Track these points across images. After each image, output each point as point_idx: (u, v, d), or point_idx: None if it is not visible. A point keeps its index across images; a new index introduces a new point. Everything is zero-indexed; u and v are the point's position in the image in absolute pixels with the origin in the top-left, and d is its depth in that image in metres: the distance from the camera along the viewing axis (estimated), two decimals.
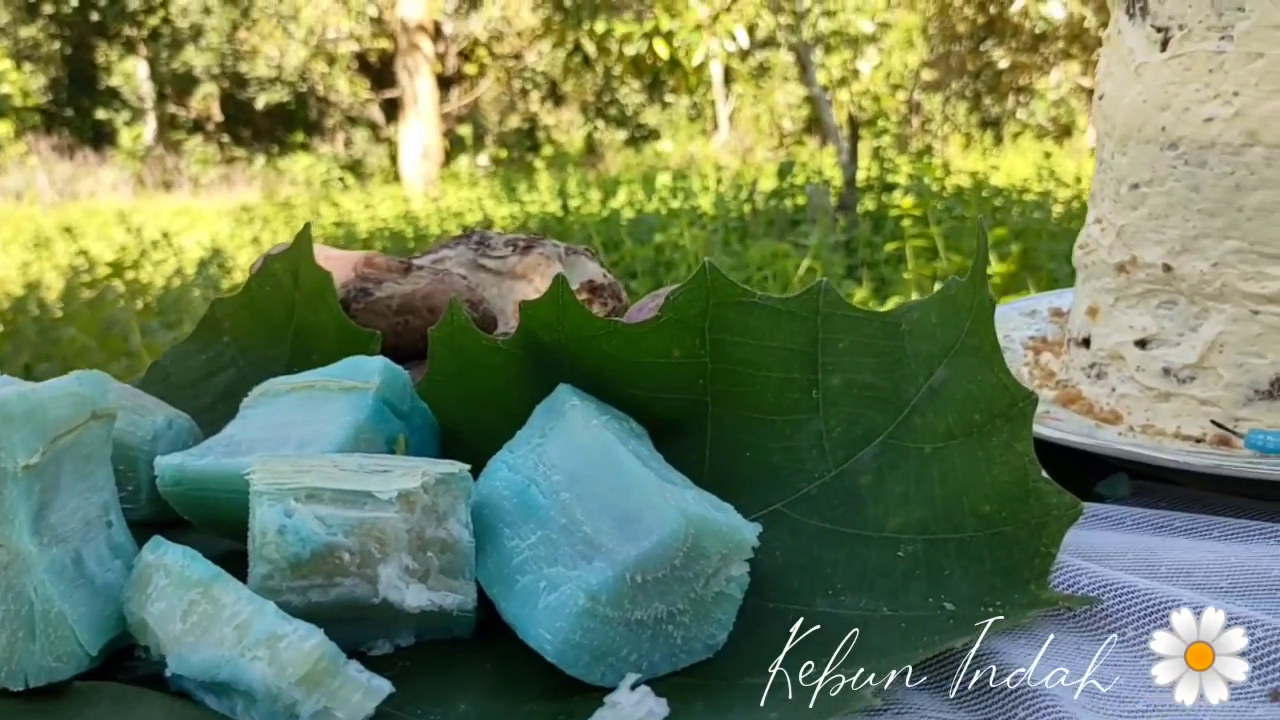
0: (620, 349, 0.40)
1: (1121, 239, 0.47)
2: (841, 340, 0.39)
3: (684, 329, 0.39)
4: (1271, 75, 0.41)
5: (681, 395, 0.40)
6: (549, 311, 0.39)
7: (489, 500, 0.34)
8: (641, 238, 3.01)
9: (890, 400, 0.38)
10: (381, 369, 0.39)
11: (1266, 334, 0.43)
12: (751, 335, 0.40)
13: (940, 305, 0.39)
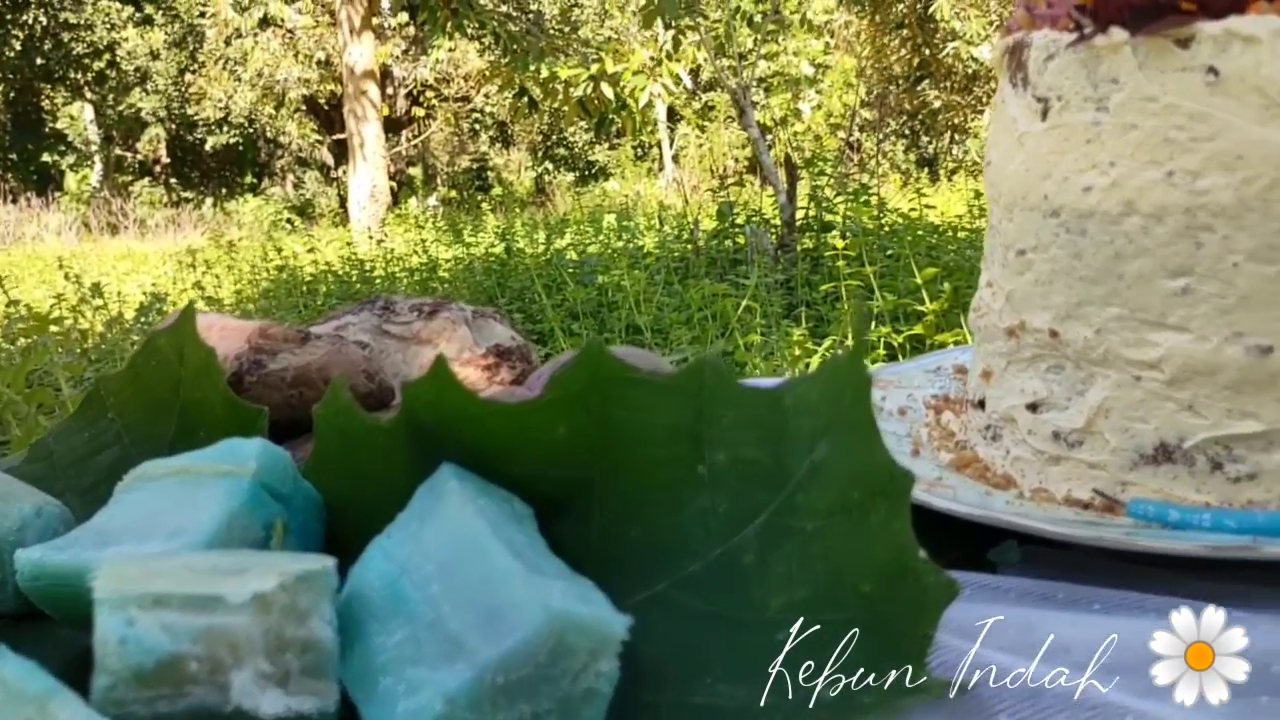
0: (504, 428, 0.39)
1: (1010, 304, 0.48)
2: (726, 416, 0.39)
3: (570, 406, 0.39)
4: (1146, 146, 0.42)
5: (568, 473, 0.39)
6: (431, 391, 0.38)
7: (360, 592, 0.33)
8: (584, 279, 3.01)
9: (774, 476, 0.38)
10: (259, 451, 0.38)
11: (1149, 400, 0.43)
12: (637, 412, 0.39)
13: (822, 380, 0.39)
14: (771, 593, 0.35)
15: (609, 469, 0.39)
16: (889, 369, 0.63)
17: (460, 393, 0.38)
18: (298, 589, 0.30)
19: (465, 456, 0.39)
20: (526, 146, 12.55)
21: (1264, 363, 0.41)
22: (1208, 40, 0.40)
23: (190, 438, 0.46)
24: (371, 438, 0.40)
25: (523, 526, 0.36)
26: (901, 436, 0.52)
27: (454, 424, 0.39)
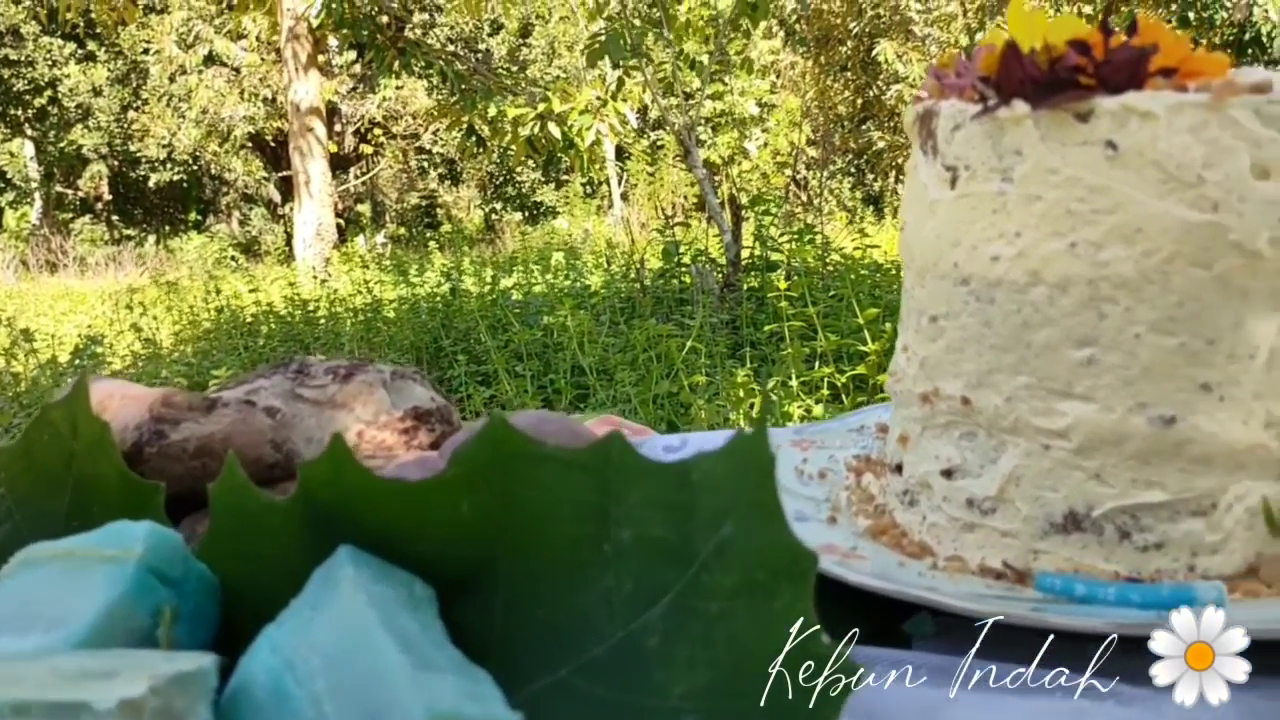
0: (405, 507, 0.38)
1: (924, 370, 0.48)
2: (633, 492, 0.39)
3: (473, 483, 0.38)
4: (1050, 217, 0.42)
5: (472, 552, 0.38)
6: (328, 470, 0.37)
7: (245, 688, 0.32)
8: (529, 320, 3.00)
9: (680, 556, 0.37)
10: (146, 535, 0.37)
11: (1057, 468, 0.43)
12: (543, 488, 0.39)
13: (729, 457, 0.39)
14: (674, 678, 0.34)
15: (513, 547, 0.38)
16: (812, 428, 0.62)
17: (358, 471, 0.37)
18: (171, 692, 0.28)
19: (365, 537, 0.38)
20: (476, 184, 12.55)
21: (1167, 433, 0.41)
22: (1106, 115, 0.41)
23: (84, 515, 0.44)
24: (268, 517, 0.39)
25: (419, 613, 0.35)
26: (821, 502, 0.52)
27: (352, 504, 0.38)
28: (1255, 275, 0.40)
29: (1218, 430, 0.41)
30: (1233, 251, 0.39)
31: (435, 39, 8.92)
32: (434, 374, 2.86)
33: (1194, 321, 0.40)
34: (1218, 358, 0.40)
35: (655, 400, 2.42)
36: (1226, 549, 0.41)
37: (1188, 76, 0.43)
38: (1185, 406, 0.41)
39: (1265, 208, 0.39)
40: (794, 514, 0.49)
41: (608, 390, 2.45)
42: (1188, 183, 0.40)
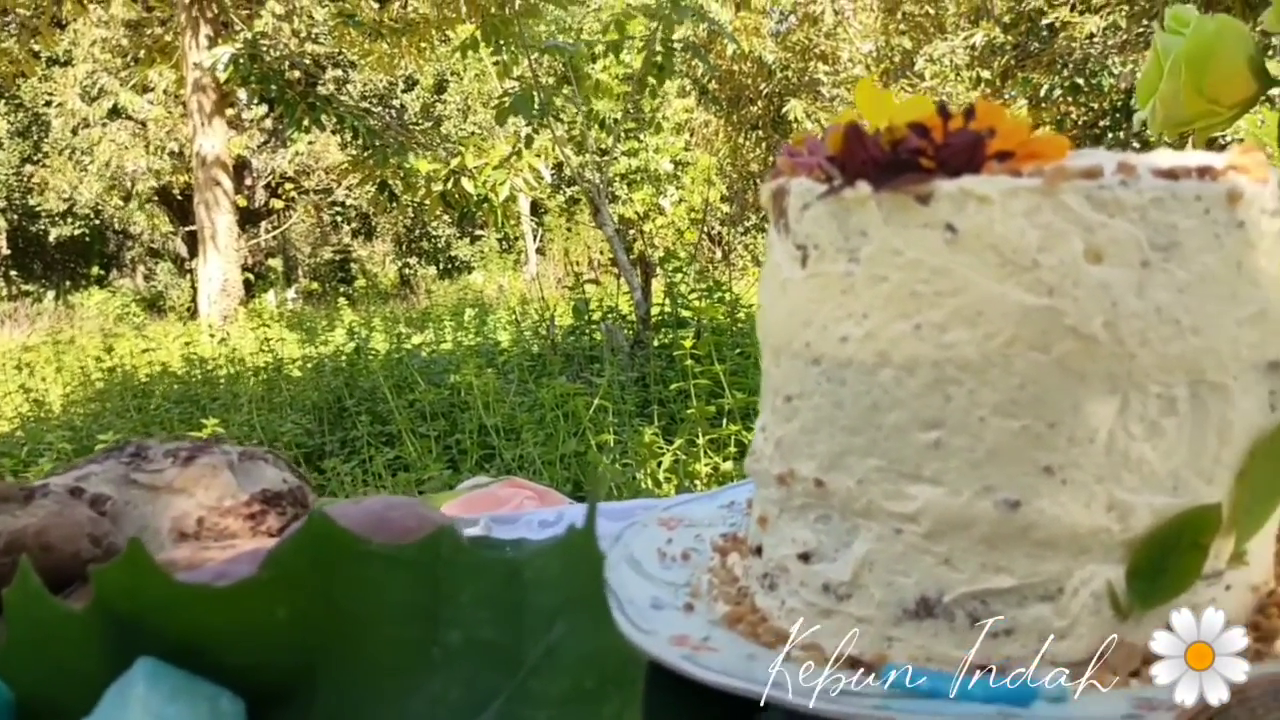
0: (214, 614, 0.36)
1: (780, 450, 0.47)
2: (463, 591, 0.37)
3: (290, 586, 0.36)
4: (895, 299, 0.42)
5: (289, 660, 0.36)
6: (125, 577, 0.34)
7: None
8: (435, 379, 2.96)
9: (509, 660, 0.35)
10: None
11: (910, 553, 0.42)
12: (367, 589, 0.36)
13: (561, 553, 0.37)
14: None
15: (334, 654, 0.36)
16: (682, 504, 0.61)
17: (158, 578, 0.35)
18: None
19: (168, 647, 0.35)
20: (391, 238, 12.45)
21: (1013, 517, 0.41)
22: (945, 198, 0.40)
23: None
24: (65, 627, 0.36)
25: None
26: (680, 587, 0.50)
27: (153, 612, 0.35)
28: (1092, 359, 0.39)
29: (1061, 514, 0.40)
30: (1069, 335, 0.39)
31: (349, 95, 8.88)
32: (337, 435, 2.79)
33: (1035, 404, 0.40)
34: (1059, 441, 0.40)
35: (562, 460, 2.39)
36: (1074, 634, 0.41)
37: (1028, 159, 0.43)
38: (1029, 490, 0.40)
39: (1098, 291, 0.39)
40: (650, 601, 0.47)
41: (514, 450, 2.42)
42: (1024, 266, 0.39)
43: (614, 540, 0.54)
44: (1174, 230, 0.39)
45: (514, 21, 3.86)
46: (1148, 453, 0.40)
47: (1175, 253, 0.40)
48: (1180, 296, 0.40)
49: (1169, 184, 0.40)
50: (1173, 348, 0.40)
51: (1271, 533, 0.45)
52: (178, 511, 0.54)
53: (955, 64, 9.79)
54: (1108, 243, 0.39)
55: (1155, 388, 0.40)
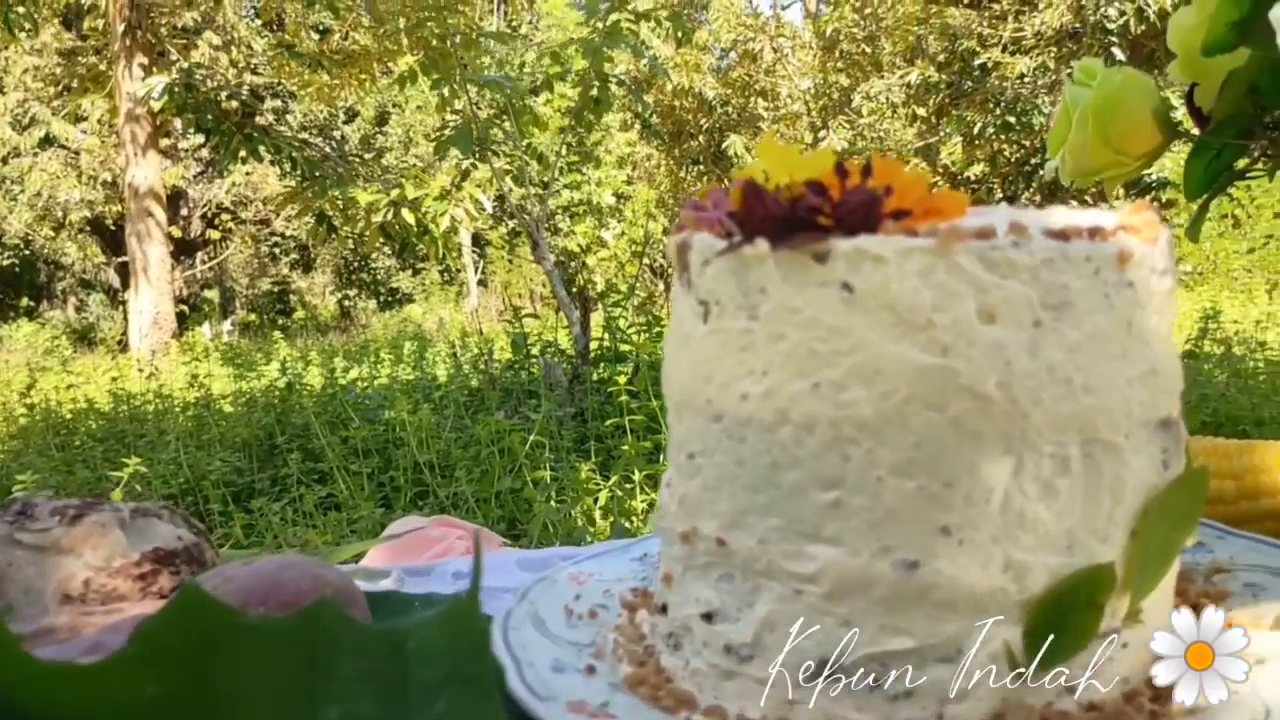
0: (76, 693, 0.34)
1: (683, 507, 0.46)
2: (344, 665, 0.35)
3: (160, 662, 0.34)
4: (794, 357, 0.41)
5: None
6: None
7: None
8: (369, 415, 2.92)
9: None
10: None
11: (810, 614, 0.42)
12: (243, 664, 0.35)
13: (445, 624, 0.36)
14: None
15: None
16: (594, 557, 0.60)
17: (16, 654, 0.33)
18: None
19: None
20: (331, 270, 12.32)
21: (912, 578, 0.40)
22: (842, 257, 0.40)
23: None
24: None
25: None
26: (584, 647, 0.49)
27: (13, 691, 0.33)
28: (987, 418, 0.39)
29: (958, 574, 0.40)
30: (964, 395, 0.39)
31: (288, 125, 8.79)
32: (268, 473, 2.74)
33: (932, 464, 0.40)
34: (956, 500, 0.40)
35: (498, 497, 2.36)
36: (973, 696, 0.40)
37: (927, 217, 0.43)
38: (927, 550, 0.40)
39: (992, 351, 0.39)
40: (551, 664, 0.46)
41: (448, 488, 2.38)
42: (919, 326, 0.39)
43: (520, 596, 0.53)
44: (1065, 290, 0.40)
45: (453, 55, 3.85)
46: (1042, 512, 0.40)
47: (1067, 312, 0.40)
48: (1072, 356, 0.40)
49: (1060, 245, 0.40)
50: (1065, 407, 0.40)
51: (1169, 590, 0.45)
52: (64, 573, 0.52)
53: (891, 102, 9.97)
54: (1000, 303, 0.39)
55: (1049, 447, 0.40)
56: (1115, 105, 0.75)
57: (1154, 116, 0.76)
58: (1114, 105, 0.75)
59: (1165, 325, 0.43)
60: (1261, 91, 0.73)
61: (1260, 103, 0.73)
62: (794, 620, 0.42)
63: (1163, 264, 0.43)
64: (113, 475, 2.41)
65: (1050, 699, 0.41)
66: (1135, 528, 0.42)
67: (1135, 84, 0.76)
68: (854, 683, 0.41)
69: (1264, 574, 0.49)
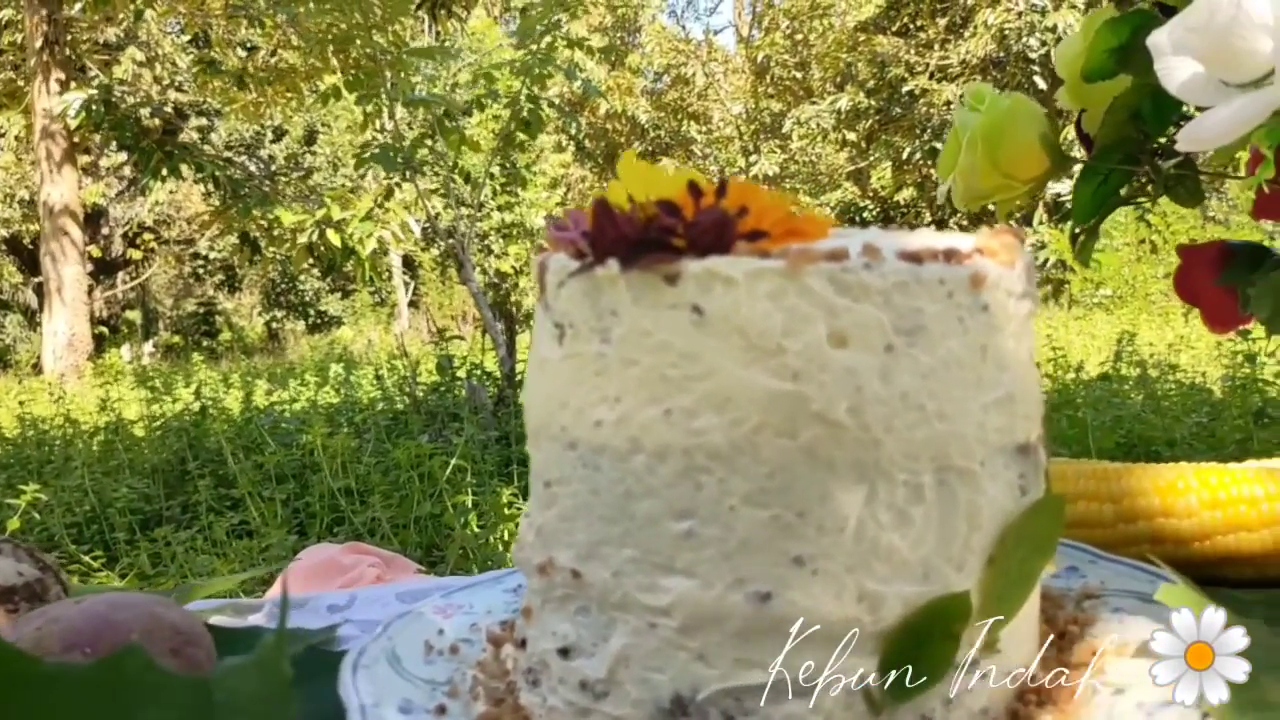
0: None
1: (541, 538, 0.44)
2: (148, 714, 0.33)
3: None
4: (646, 383, 0.40)
5: None
6: None
7: None
8: (285, 439, 2.85)
9: None
10: None
11: (664, 648, 0.40)
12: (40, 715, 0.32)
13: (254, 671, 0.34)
14: None
15: None
16: (465, 589, 0.58)
17: None
18: None
19: None
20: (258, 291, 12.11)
21: (764, 610, 0.39)
22: (692, 279, 0.39)
23: None
24: None
25: None
26: (438, 685, 0.47)
27: None
28: (838, 445, 0.38)
29: (812, 606, 0.39)
30: (815, 422, 0.38)
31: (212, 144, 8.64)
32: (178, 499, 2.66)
33: (784, 493, 0.39)
34: (809, 530, 0.39)
35: (417, 522, 2.32)
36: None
37: (787, 239, 0.42)
38: (780, 581, 0.39)
39: (843, 376, 0.38)
40: (399, 704, 0.44)
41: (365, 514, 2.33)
42: (769, 351, 0.38)
43: (379, 632, 0.50)
44: (918, 314, 0.39)
45: (379, 72, 3.81)
46: (896, 541, 0.39)
47: (920, 337, 0.39)
48: (925, 381, 0.39)
49: (912, 267, 0.39)
50: (918, 433, 0.39)
51: (1030, 618, 0.44)
52: None
53: (822, 127, 10.12)
54: (852, 326, 0.38)
55: (902, 475, 0.39)
56: (1003, 130, 0.75)
57: (1041, 141, 0.76)
58: (1002, 130, 0.75)
59: (1024, 349, 0.42)
60: (1144, 117, 0.73)
61: (1143, 128, 0.74)
62: (648, 655, 0.41)
63: (1020, 287, 0.42)
64: (12, 503, 2.32)
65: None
66: (992, 555, 0.41)
67: (1023, 109, 0.76)
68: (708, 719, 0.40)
69: (1132, 599, 0.49)
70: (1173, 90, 0.62)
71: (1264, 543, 0.56)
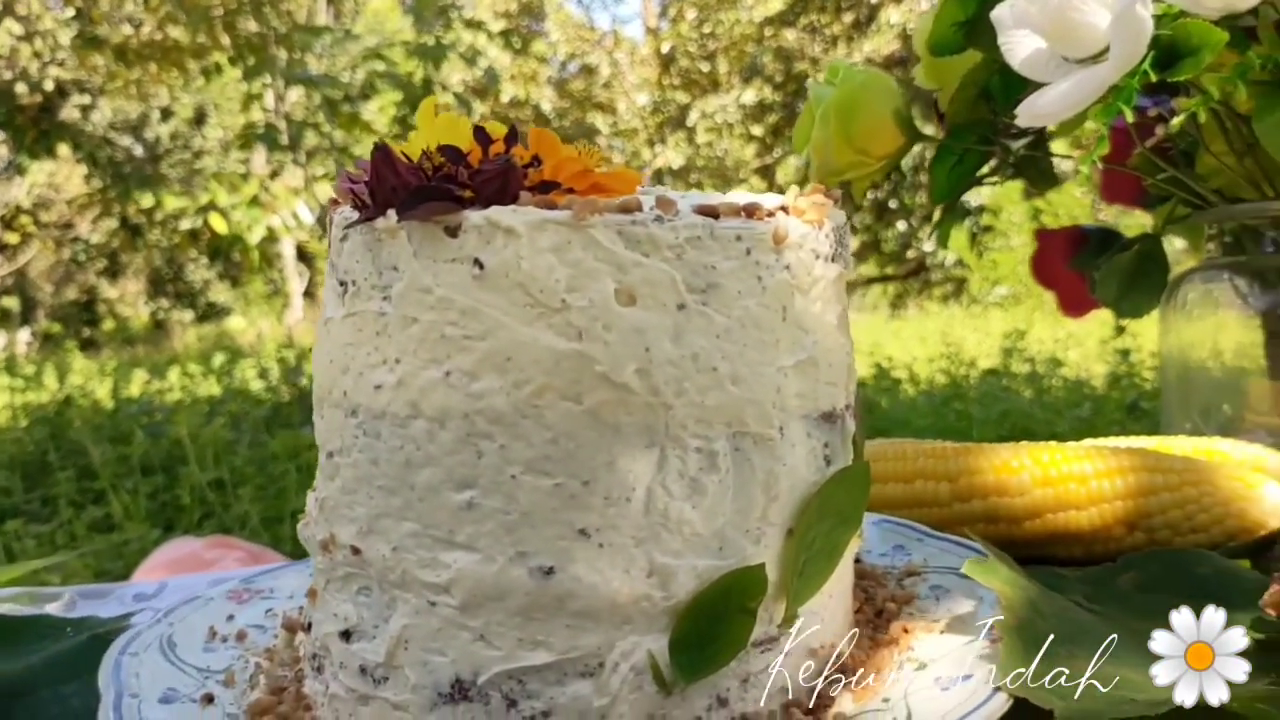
0: None
1: (324, 513, 0.41)
2: None
3: None
4: (427, 343, 0.37)
5: None
6: None
7: None
8: (155, 430, 2.73)
9: None
10: None
11: (445, 628, 0.38)
12: None
13: None
14: None
15: None
16: (271, 572, 0.54)
17: None
18: None
19: None
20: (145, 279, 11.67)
21: (549, 585, 0.36)
22: (473, 230, 0.36)
23: None
24: None
25: None
26: (214, 673, 0.44)
27: None
28: (626, 410, 0.36)
29: (598, 581, 0.36)
30: (601, 384, 0.36)
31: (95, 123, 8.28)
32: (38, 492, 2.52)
33: (569, 461, 0.36)
34: (595, 500, 0.36)
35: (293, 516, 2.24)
36: (615, 713, 0.37)
37: (591, 194, 0.40)
38: (564, 555, 0.36)
39: (631, 336, 0.36)
40: (162, 693, 0.40)
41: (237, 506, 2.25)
42: (553, 308, 0.36)
43: (156, 618, 0.46)
44: (712, 271, 0.37)
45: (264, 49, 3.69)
46: (689, 512, 0.37)
47: (714, 295, 0.37)
48: (719, 342, 0.37)
49: (708, 222, 0.37)
50: (711, 398, 0.37)
51: (840, 594, 0.43)
52: None
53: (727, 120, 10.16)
54: (641, 283, 0.36)
55: (694, 441, 0.37)
56: (856, 105, 0.74)
57: (895, 118, 0.75)
58: (855, 105, 0.74)
59: (832, 313, 0.41)
60: (993, 95, 0.73)
61: (994, 107, 0.73)
62: (429, 636, 0.38)
63: (829, 249, 0.41)
64: None
65: (700, 714, 0.38)
66: (792, 527, 0.39)
67: (877, 84, 0.75)
68: (489, 704, 0.37)
69: (952, 576, 0.48)
70: (1016, 66, 0.62)
71: (1091, 521, 0.56)
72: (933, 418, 3.03)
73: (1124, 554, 0.53)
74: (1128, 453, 0.56)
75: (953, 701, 0.36)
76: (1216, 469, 0.54)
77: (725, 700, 0.38)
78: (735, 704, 0.38)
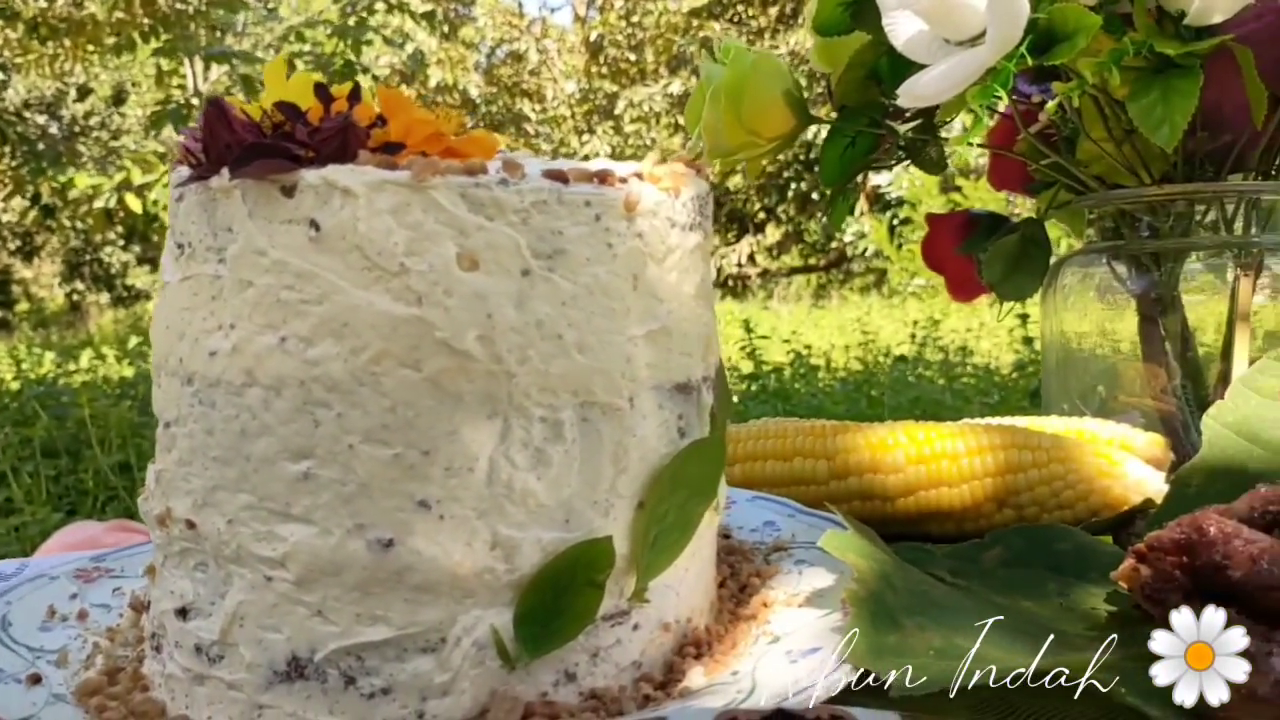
0: None
1: (160, 486, 0.40)
2: None
3: None
4: (261, 307, 0.36)
5: None
6: None
7: None
8: (58, 412, 2.65)
9: None
10: None
11: (281, 604, 0.36)
12: None
13: None
14: None
15: None
16: (122, 553, 0.52)
17: None
18: None
19: None
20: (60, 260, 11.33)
21: (386, 559, 0.35)
22: (309, 190, 0.35)
23: None
24: None
25: None
26: (47, 653, 0.42)
27: None
28: (467, 378, 0.35)
29: (439, 554, 0.35)
30: (441, 351, 0.35)
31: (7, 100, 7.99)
32: None
33: (408, 430, 0.35)
34: (435, 471, 0.35)
35: None
36: (456, 689, 0.36)
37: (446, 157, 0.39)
38: (404, 527, 0.35)
39: (473, 302, 0.35)
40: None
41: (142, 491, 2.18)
42: (391, 271, 0.35)
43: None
44: (559, 237, 0.36)
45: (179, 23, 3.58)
46: (533, 483, 0.36)
47: (560, 261, 0.36)
48: (564, 310, 0.36)
49: (555, 186, 0.36)
50: (556, 366, 0.36)
51: (699, 570, 0.42)
52: None
53: (654, 110, 10.16)
54: (484, 247, 0.35)
55: (539, 411, 0.36)
56: (746, 85, 0.74)
57: (785, 99, 0.75)
58: (744, 85, 0.74)
59: (689, 283, 0.40)
60: (882, 77, 0.73)
61: (884, 90, 0.73)
62: (264, 612, 0.37)
63: (686, 218, 0.40)
64: None
65: (546, 689, 0.37)
66: (643, 499, 0.38)
67: (767, 65, 0.75)
68: (326, 682, 0.36)
69: (816, 551, 0.47)
70: (899, 47, 0.62)
71: (963, 498, 0.56)
72: (847, 404, 3.07)
73: (994, 530, 0.54)
74: (999, 431, 0.56)
75: (799, 673, 0.36)
76: (1082, 447, 0.55)
77: (573, 675, 0.37)
78: (584, 678, 0.38)
